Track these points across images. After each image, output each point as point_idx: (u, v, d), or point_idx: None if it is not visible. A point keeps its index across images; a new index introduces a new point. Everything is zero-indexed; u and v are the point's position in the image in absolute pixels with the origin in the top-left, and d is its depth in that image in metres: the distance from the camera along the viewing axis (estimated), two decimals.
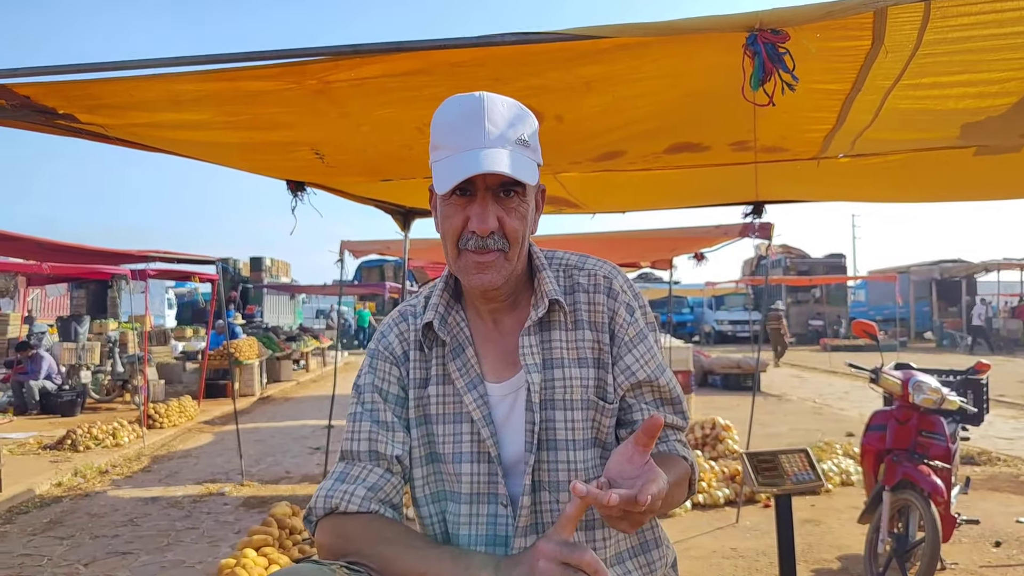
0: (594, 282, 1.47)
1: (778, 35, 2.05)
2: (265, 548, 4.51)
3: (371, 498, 1.37)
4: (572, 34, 2.09)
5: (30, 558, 5.17)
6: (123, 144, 3.30)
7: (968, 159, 3.88)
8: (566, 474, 1.39)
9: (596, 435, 1.43)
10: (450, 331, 1.47)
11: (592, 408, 1.41)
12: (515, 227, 1.34)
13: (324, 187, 4.71)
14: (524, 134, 1.33)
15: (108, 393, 13.07)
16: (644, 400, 1.45)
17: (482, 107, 1.31)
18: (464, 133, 1.29)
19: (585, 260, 1.52)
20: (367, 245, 7.73)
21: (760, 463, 3.70)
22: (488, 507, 1.41)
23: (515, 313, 1.47)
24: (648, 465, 1.14)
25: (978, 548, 4.88)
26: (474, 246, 1.34)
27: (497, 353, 1.45)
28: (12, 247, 7.74)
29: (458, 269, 1.39)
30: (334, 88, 2.58)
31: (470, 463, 1.41)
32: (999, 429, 9.41)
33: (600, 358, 1.44)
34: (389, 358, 1.49)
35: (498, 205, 1.33)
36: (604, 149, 3.67)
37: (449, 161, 1.30)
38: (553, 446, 1.40)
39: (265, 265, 30.67)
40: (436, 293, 1.49)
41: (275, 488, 7.10)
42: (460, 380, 1.43)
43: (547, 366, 1.41)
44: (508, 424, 1.42)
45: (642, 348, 1.45)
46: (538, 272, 1.46)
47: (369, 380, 1.48)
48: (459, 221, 1.34)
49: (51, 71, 2.42)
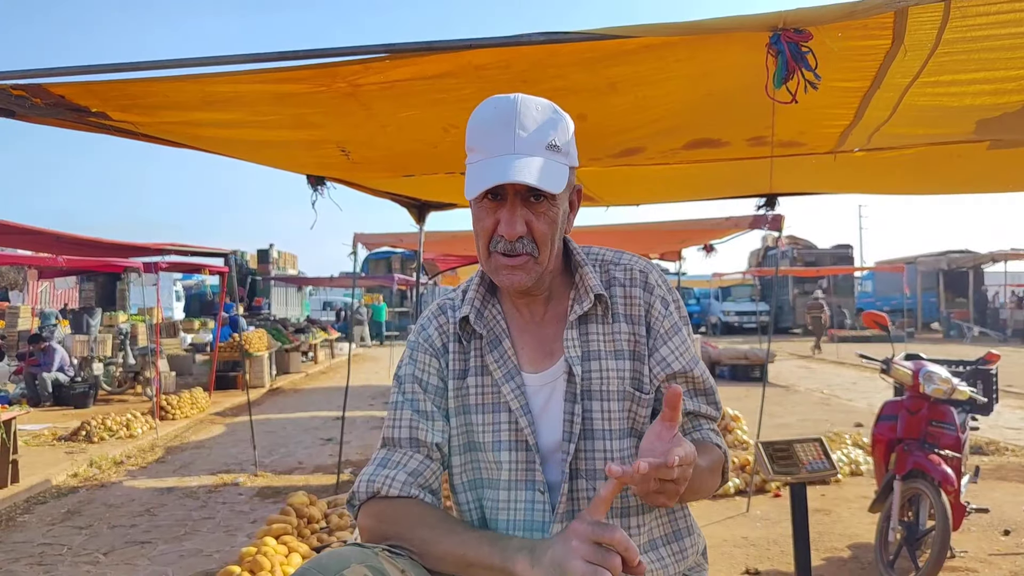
0: (630, 276, 1.52)
1: (801, 34, 2.09)
2: (284, 536, 4.58)
3: (411, 483, 1.42)
4: (600, 34, 2.13)
5: (50, 547, 5.24)
6: (151, 140, 3.35)
7: (981, 152, 3.91)
8: (603, 463, 1.43)
9: (632, 425, 1.47)
10: (486, 324, 1.51)
11: (628, 399, 1.46)
12: (543, 231, 1.37)
13: (344, 181, 4.75)
14: (556, 139, 1.35)
15: (120, 385, 13.16)
16: None
17: (515, 111, 1.34)
18: (496, 138, 1.33)
19: (621, 255, 1.56)
20: (380, 238, 7.78)
21: (775, 452, 3.75)
22: (526, 493, 1.45)
23: (552, 305, 1.51)
24: (676, 437, 1.18)
25: (987, 536, 4.93)
26: (503, 249, 1.37)
27: (535, 344, 1.50)
28: (31, 240, 7.81)
29: (489, 270, 1.43)
30: (364, 91, 2.63)
31: (509, 451, 1.45)
32: (1008, 420, 9.45)
33: (636, 350, 1.48)
34: (429, 350, 1.53)
35: (527, 209, 1.36)
36: (624, 146, 3.72)
37: (480, 166, 1.33)
38: (591, 435, 1.44)
39: (272, 257, 30.74)
40: (472, 287, 1.54)
41: (288, 478, 7.17)
42: (497, 371, 1.47)
43: (584, 358, 1.46)
44: (545, 413, 1.46)
45: (677, 340, 1.49)
46: (580, 268, 1.50)
47: (409, 371, 1.53)
48: (490, 224, 1.38)
49: (85, 71, 2.45)
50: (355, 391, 11.24)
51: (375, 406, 11.73)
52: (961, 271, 27.30)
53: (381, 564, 1.23)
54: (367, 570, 1.20)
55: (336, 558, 1.21)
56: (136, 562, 4.89)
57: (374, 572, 1.20)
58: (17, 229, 6.75)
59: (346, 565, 1.19)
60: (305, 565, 1.21)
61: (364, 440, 8.89)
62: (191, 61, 2.39)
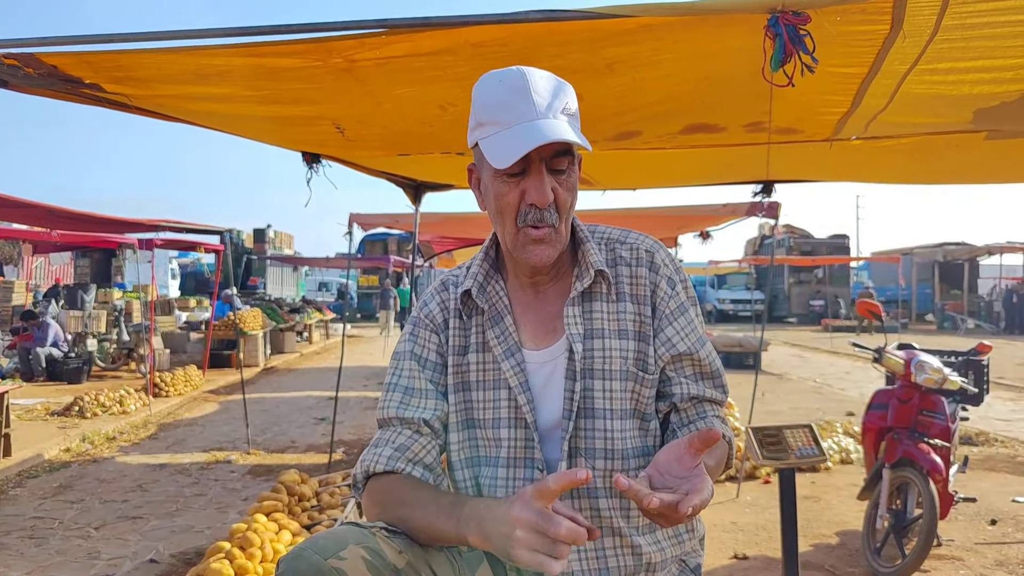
0: (636, 256, 1.50)
1: (799, 17, 2.08)
2: (275, 514, 4.58)
3: (397, 457, 1.41)
4: (597, 12, 2.13)
5: (41, 520, 5.25)
6: (145, 114, 3.33)
7: (979, 143, 3.91)
8: (602, 442, 1.43)
9: (635, 406, 1.46)
10: (489, 300, 1.50)
11: (631, 379, 1.44)
12: (566, 198, 1.37)
13: (339, 160, 4.73)
14: (570, 104, 1.34)
15: (114, 361, 13.16)
16: (684, 373, 1.48)
17: (526, 80, 1.32)
18: (514, 107, 1.30)
19: (627, 234, 1.54)
20: (376, 218, 7.76)
21: (764, 437, 3.76)
22: (525, 471, 1.45)
23: (557, 283, 1.50)
24: (697, 470, 1.16)
25: (974, 526, 4.97)
26: (533, 219, 1.35)
27: (537, 322, 1.49)
28: (23, 214, 7.77)
29: (516, 246, 1.40)
30: (359, 66, 2.61)
31: (508, 428, 1.45)
32: (997, 411, 9.50)
33: (641, 330, 1.47)
34: (430, 326, 1.53)
35: (552, 177, 1.34)
36: (621, 129, 3.70)
37: (503, 136, 1.30)
38: (591, 414, 1.43)
39: (268, 237, 30.66)
40: (476, 263, 1.53)
41: (281, 457, 7.18)
42: (498, 347, 1.46)
43: (588, 336, 1.44)
44: (546, 391, 1.46)
45: (683, 321, 1.48)
46: (582, 244, 1.48)
47: (408, 348, 1.52)
48: (514, 197, 1.35)
49: (77, 40, 2.43)
50: (349, 372, 11.25)
51: (369, 387, 11.74)
52: (957, 263, 27.33)
53: (378, 544, 1.23)
54: (364, 551, 1.19)
55: (333, 539, 1.21)
56: (127, 537, 4.90)
57: (371, 553, 1.20)
58: (8, 202, 6.71)
59: (343, 546, 1.19)
60: (301, 545, 1.20)
61: (357, 420, 8.91)
62: (184, 33, 2.37)
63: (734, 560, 4.40)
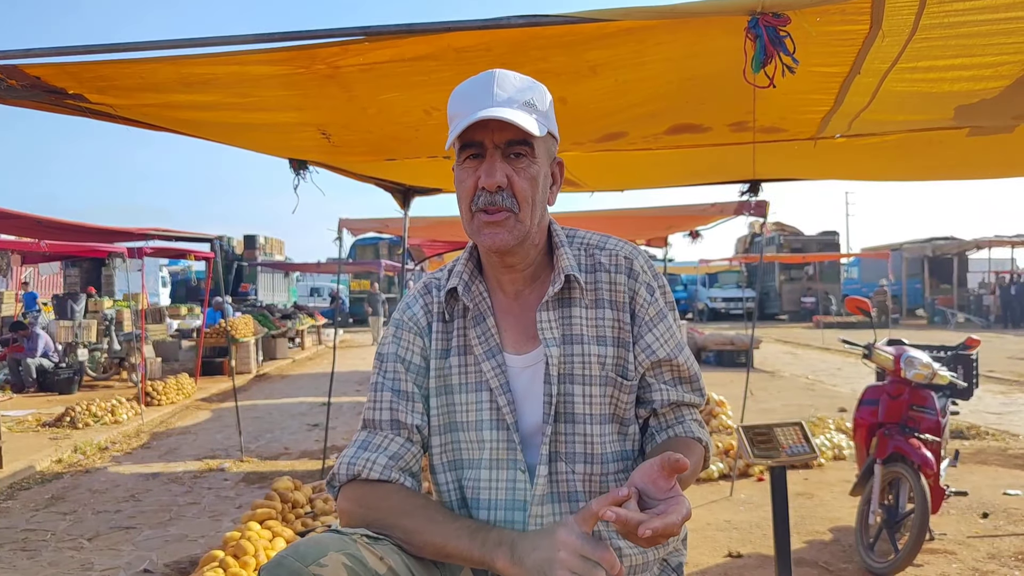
0: (615, 262, 1.51)
1: (779, 19, 2.09)
2: (269, 521, 4.57)
3: (392, 466, 1.42)
4: (579, 17, 2.14)
5: (34, 533, 5.22)
6: (130, 124, 3.32)
7: (961, 139, 3.94)
8: (582, 446, 1.45)
9: (614, 411, 1.47)
10: (472, 299, 1.50)
11: (611, 385, 1.46)
12: (523, 187, 1.38)
13: (326, 165, 4.73)
14: (533, 99, 1.37)
15: (105, 371, 13.10)
16: (663, 379, 1.50)
17: (493, 78, 1.37)
18: (475, 98, 1.35)
19: (607, 240, 1.55)
20: (365, 223, 7.75)
21: (755, 436, 3.77)
22: (508, 472, 1.46)
23: (536, 288, 1.51)
24: (673, 491, 1.19)
25: (966, 519, 4.99)
26: (484, 203, 1.37)
27: (518, 326, 1.50)
28: (11, 224, 7.73)
29: (472, 231, 1.43)
30: (343, 73, 2.62)
31: (490, 430, 1.46)
32: (988, 404, 9.55)
33: (620, 336, 1.48)
34: (413, 328, 1.53)
35: (507, 164, 1.37)
36: (606, 130, 3.72)
37: (458, 124, 1.35)
38: (571, 419, 1.45)
39: (259, 243, 30.58)
40: (460, 263, 1.54)
41: (274, 464, 7.17)
42: (479, 348, 1.47)
43: (567, 341, 1.46)
44: (528, 395, 1.47)
45: (662, 327, 1.50)
46: (556, 249, 1.50)
47: (392, 350, 1.53)
48: (471, 183, 1.38)
49: (59, 52, 2.44)
50: (341, 377, 11.24)
51: (361, 392, 11.72)
52: (946, 258, 27.48)
53: (359, 551, 1.23)
54: (345, 558, 1.20)
55: (314, 546, 1.21)
56: (120, 547, 4.88)
57: (352, 560, 1.20)
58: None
59: (323, 553, 1.19)
60: (282, 553, 1.20)
61: (350, 426, 8.89)
62: (167, 43, 2.37)
63: (728, 558, 4.41)
